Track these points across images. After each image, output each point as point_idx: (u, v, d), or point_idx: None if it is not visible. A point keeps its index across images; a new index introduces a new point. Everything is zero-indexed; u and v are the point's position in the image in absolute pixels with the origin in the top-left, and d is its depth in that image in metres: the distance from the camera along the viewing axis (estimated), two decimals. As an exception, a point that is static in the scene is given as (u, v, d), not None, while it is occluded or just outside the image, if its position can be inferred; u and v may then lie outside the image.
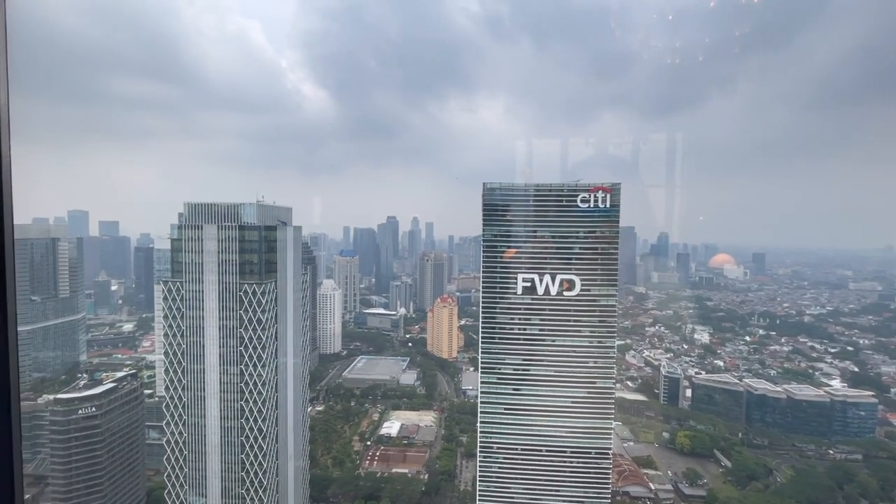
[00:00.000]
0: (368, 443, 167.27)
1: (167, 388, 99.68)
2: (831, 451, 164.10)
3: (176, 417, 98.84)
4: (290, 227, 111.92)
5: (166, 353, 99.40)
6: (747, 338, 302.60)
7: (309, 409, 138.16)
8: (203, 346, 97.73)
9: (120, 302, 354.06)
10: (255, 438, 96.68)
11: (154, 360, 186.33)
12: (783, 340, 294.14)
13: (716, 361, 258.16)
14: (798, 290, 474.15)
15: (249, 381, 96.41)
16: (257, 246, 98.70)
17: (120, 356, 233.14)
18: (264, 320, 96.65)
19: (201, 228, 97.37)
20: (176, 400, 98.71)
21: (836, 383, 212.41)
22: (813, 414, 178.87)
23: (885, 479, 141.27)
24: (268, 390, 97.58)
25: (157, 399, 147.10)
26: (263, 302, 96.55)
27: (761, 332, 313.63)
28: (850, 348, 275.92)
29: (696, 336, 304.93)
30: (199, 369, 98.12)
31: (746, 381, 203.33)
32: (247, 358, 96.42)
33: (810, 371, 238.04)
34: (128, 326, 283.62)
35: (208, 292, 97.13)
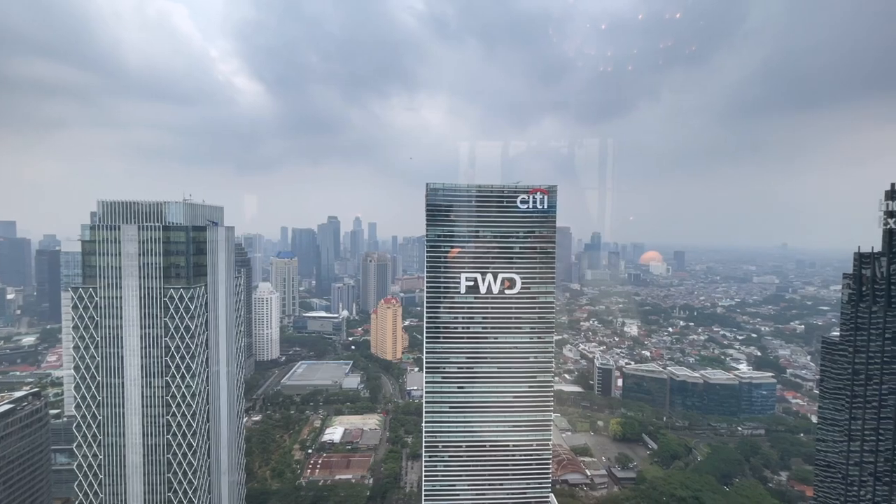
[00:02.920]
0: (310, 451, 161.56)
1: (78, 407, 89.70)
2: (740, 428, 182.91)
3: (89, 438, 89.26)
4: (221, 227, 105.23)
5: (77, 368, 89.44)
6: (670, 329, 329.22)
7: (245, 420, 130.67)
8: (122, 357, 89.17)
9: (18, 312, 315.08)
10: (184, 455, 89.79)
11: (62, 376, 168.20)
12: (700, 330, 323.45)
13: (643, 352, 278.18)
14: (712, 284, 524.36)
15: (177, 393, 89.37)
16: (184, 248, 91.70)
17: (19, 373, 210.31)
18: (193, 327, 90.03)
19: (118, 229, 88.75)
20: (89, 419, 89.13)
21: (743, 367, 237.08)
22: (725, 396, 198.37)
23: (783, 449, 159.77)
24: (198, 402, 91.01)
25: (65, 420, 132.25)
26: (192, 308, 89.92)
27: (682, 323, 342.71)
28: (753, 335, 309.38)
29: (626, 329, 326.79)
30: (116, 384, 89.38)
31: (670, 368, 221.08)
32: (173, 369, 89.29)
33: (722, 357, 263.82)
34: (28, 339, 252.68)
35: (128, 298, 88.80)
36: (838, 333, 67.94)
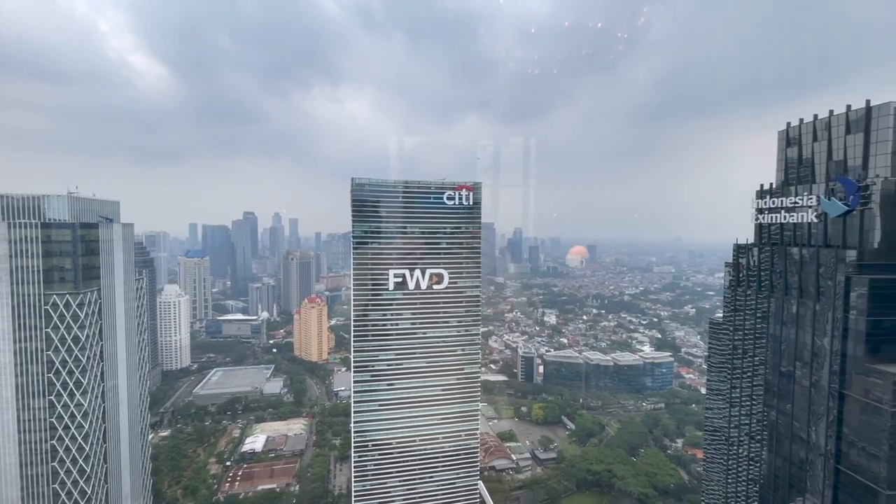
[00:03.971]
0: (228, 463, 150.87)
1: (-70, 439, 75.37)
2: (644, 404, 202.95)
3: (-53, 475, 75.35)
4: (117, 224, 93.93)
5: (-73, 393, 74.97)
6: (584, 317, 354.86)
7: (150, 437, 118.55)
8: (-11, 377, 76.25)
9: None
10: (75, 482, 79.29)
11: None
12: (610, 317, 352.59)
13: (562, 339, 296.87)
14: (619, 274, 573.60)
15: (64, 413, 78.50)
16: (70, 247, 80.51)
17: None
18: (83, 338, 79.54)
19: (-19, 227, 75.54)
20: (-54, 452, 75.23)
21: (647, 349, 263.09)
22: (632, 375, 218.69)
23: (679, 419, 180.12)
24: (91, 422, 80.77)
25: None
26: (81, 316, 79.34)
27: (595, 311, 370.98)
28: (655, 320, 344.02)
29: (545, 319, 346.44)
30: (-17, 408, 76.29)
31: (585, 354, 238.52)
32: (59, 386, 78.26)
33: (629, 341, 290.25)
34: None
35: (-4, 308, 76.01)
36: (722, 315, 78.02)
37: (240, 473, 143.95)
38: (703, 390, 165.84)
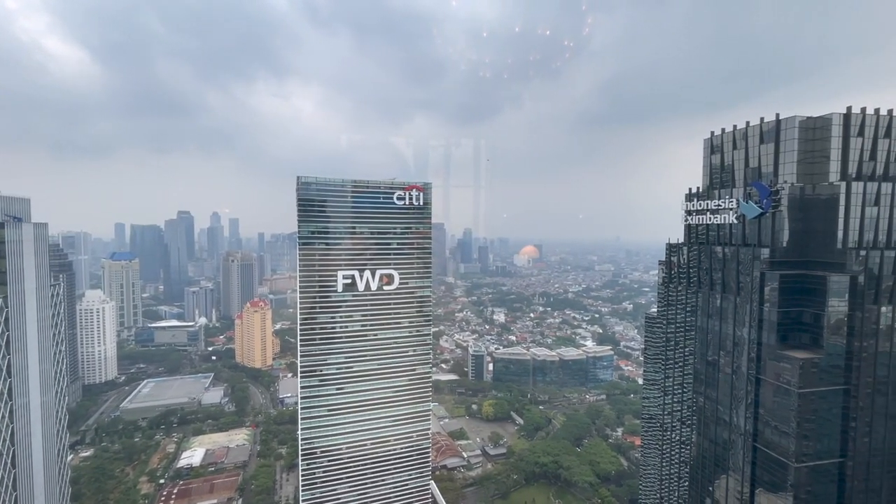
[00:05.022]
0: (162, 481, 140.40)
1: None
2: (588, 396, 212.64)
3: None
4: (27, 223, 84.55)
5: None
6: (532, 314, 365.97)
7: (70, 458, 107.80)
8: None
9: None
10: (-22, 514, 70.46)
11: None
12: (555, 314, 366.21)
13: (510, 337, 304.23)
14: (564, 272, 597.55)
15: (-37, 437, 69.46)
16: (-30, 250, 71.47)
17: None
18: (-13, 351, 70.84)
19: None
20: None
21: (590, 343, 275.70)
22: (576, 370, 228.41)
23: (619, 409, 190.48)
24: (-3, 445, 72.07)
25: None
26: (-16, 326, 70.63)
27: (541, 308, 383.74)
28: (596, 315, 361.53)
29: (495, 317, 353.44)
30: None
31: (532, 350, 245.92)
32: (-44, 407, 69.14)
33: (573, 336, 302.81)
34: None
35: None
36: (656, 310, 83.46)
37: (175, 491, 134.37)
38: (641, 381, 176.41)
